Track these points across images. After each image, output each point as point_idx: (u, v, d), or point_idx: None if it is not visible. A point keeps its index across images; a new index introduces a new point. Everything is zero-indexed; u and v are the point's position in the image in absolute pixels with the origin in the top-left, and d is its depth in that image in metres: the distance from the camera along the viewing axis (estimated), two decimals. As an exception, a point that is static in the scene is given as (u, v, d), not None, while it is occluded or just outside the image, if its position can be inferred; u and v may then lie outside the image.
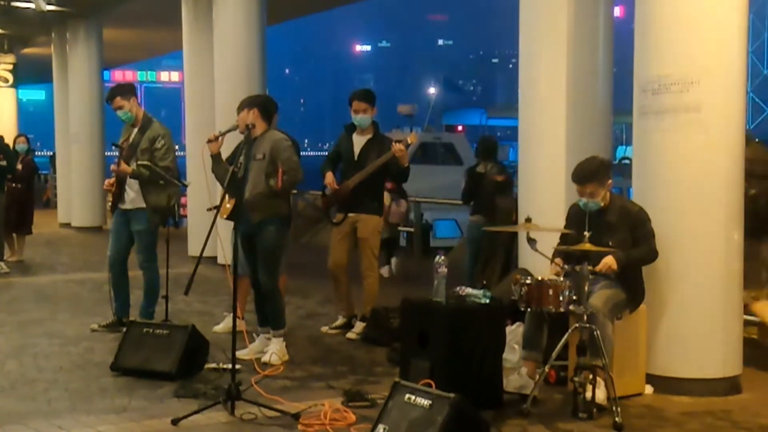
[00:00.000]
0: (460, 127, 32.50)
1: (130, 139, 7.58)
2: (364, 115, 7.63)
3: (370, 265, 7.68)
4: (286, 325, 7.03)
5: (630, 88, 6.14)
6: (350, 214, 7.65)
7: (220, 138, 6.67)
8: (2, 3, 16.82)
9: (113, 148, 7.88)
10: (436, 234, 20.65)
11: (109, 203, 7.81)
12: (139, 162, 7.42)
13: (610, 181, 5.87)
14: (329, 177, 7.70)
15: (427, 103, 33.31)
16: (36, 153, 14.54)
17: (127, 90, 7.71)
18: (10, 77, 24.41)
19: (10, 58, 24.06)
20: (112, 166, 7.58)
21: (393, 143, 7.46)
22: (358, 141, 7.69)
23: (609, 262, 5.62)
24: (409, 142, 7.56)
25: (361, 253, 7.71)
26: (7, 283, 10.76)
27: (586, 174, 5.80)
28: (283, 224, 6.87)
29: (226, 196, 6.43)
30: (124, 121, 7.66)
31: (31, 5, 16.06)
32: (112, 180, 7.62)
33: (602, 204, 5.83)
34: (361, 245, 7.68)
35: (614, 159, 30.26)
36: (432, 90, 47.61)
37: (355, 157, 7.65)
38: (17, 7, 16.87)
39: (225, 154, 6.86)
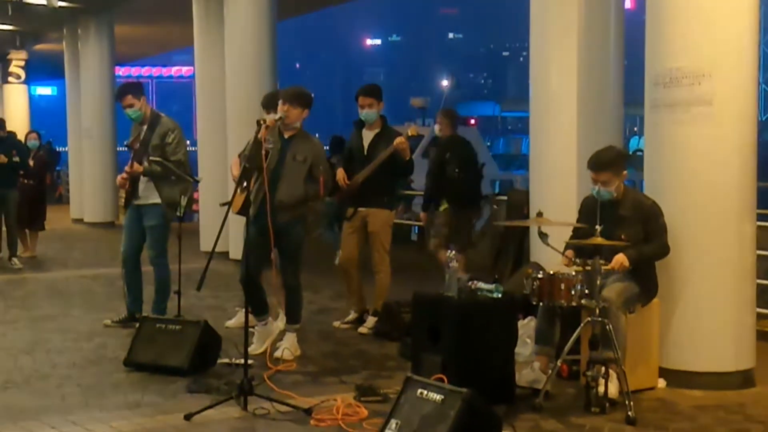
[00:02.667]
0: (473, 120, 32.44)
1: (141, 137, 7.58)
2: (370, 110, 7.62)
3: (382, 260, 7.68)
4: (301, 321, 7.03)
5: (643, 80, 6.11)
6: (360, 209, 7.66)
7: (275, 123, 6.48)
8: (14, 0, 16.87)
9: (125, 143, 7.88)
10: None
11: (122, 200, 7.82)
12: (150, 158, 7.43)
13: (625, 172, 5.86)
14: (340, 173, 7.70)
15: (439, 95, 33.30)
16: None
17: (137, 88, 7.70)
18: (22, 73, 24.50)
19: (22, 55, 24.15)
20: (126, 168, 7.57)
21: (395, 139, 7.44)
22: (367, 136, 7.70)
23: (621, 259, 5.60)
24: (409, 134, 7.55)
25: (372, 248, 7.71)
26: (21, 279, 10.81)
27: (602, 162, 5.80)
28: (305, 223, 6.90)
29: (238, 191, 6.42)
30: (133, 120, 7.65)
31: (43, 2, 16.09)
32: (125, 175, 7.62)
33: (615, 194, 5.81)
34: (371, 240, 7.68)
35: (629, 150, 30.19)
36: (445, 82, 47.52)
37: (365, 152, 7.65)
38: (29, 4, 16.91)
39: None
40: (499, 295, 5.62)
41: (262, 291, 6.77)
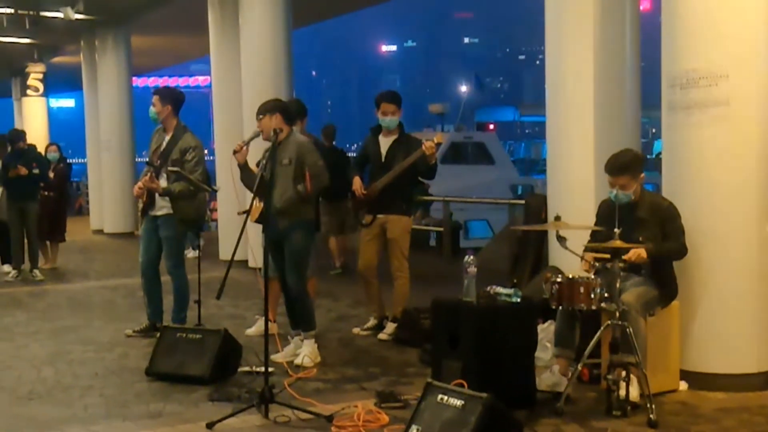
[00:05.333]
0: (492, 125, 32.45)
1: (162, 147, 7.60)
2: (393, 117, 7.63)
3: (401, 266, 7.68)
4: (317, 327, 7.05)
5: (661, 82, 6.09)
6: (379, 216, 7.66)
7: (245, 147, 6.73)
8: (31, 13, 17.00)
9: (144, 154, 7.90)
10: (468, 235, 20.56)
11: (140, 209, 7.85)
12: (169, 168, 7.46)
13: (642, 175, 5.84)
14: (357, 182, 7.71)
15: (457, 101, 33.29)
16: (68, 161, 14.70)
17: (167, 95, 7.65)
18: (41, 86, 24.67)
19: (40, 68, 24.31)
20: (145, 179, 7.53)
21: (423, 141, 7.43)
22: (385, 142, 7.70)
23: (638, 251, 5.57)
24: (436, 141, 7.54)
25: (391, 254, 7.71)
26: (42, 291, 10.88)
27: (619, 166, 5.78)
28: (309, 228, 6.90)
29: (256, 200, 6.47)
30: (151, 119, 7.67)
31: (60, 15, 16.22)
32: (141, 185, 7.64)
33: (633, 197, 5.80)
34: (390, 246, 7.68)
35: (651, 154, 30.15)
36: (464, 88, 47.50)
37: (383, 159, 7.65)
38: (46, 17, 17.04)
39: (252, 160, 6.89)
40: (518, 300, 5.62)
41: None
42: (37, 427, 5.34)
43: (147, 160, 7.74)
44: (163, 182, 7.53)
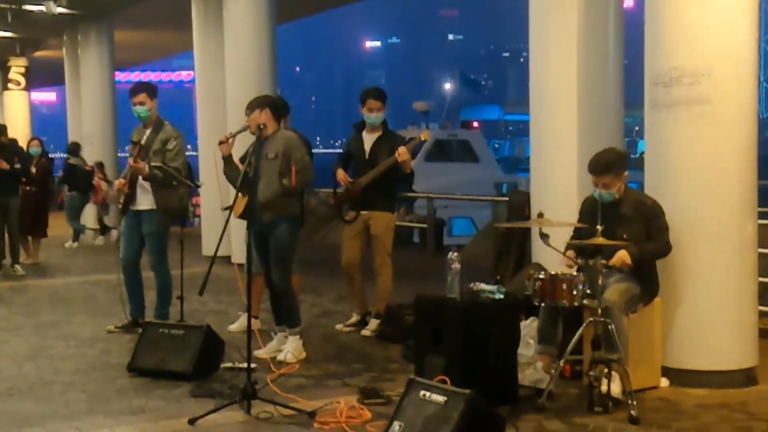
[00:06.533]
0: (476, 123, 32.50)
1: (143, 140, 7.59)
2: (378, 114, 7.63)
3: (384, 263, 7.69)
4: (302, 323, 7.05)
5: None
6: (362, 212, 7.66)
7: (231, 140, 6.72)
8: (13, 7, 16.91)
9: (127, 149, 7.84)
10: (452, 232, 20.58)
11: (120, 205, 7.81)
12: (152, 164, 7.44)
13: (625, 173, 5.86)
14: (340, 173, 7.72)
15: (442, 98, 33.33)
16: (50, 156, 14.67)
17: (152, 90, 7.71)
18: (23, 80, 24.52)
19: (23, 62, 24.17)
20: (130, 160, 7.49)
21: (398, 149, 7.41)
22: (369, 139, 7.70)
23: (623, 256, 5.61)
24: (422, 138, 7.54)
25: (374, 251, 7.72)
26: (23, 286, 10.82)
27: (602, 165, 5.80)
28: (294, 223, 6.89)
29: (239, 195, 6.45)
30: (141, 119, 7.63)
31: (42, 8, 16.13)
32: (123, 182, 7.61)
33: (617, 196, 5.81)
34: (373, 242, 7.69)
35: (635, 153, 30.25)
36: (448, 85, 47.53)
37: (366, 155, 7.66)
38: (28, 11, 16.96)
39: (237, 154, 6.88)
40: (501, 297, 5.63)
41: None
42: (18, 423, 5.30)
43: (132, 141, 7.69)
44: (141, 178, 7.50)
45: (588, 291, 5.46)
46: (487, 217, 15.13)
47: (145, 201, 7.55)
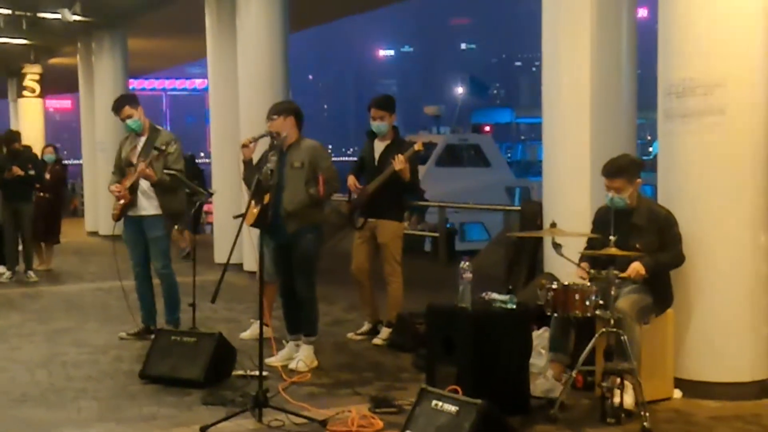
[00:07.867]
0: (487, 127, 32.40)
1: (138, 149, 7.56)
2: (382, 122, 7.65)
3: (393, 271, 7.68)
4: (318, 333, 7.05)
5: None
6: (370, 219, 7.68)
7: (253, 144, 6.68)
8: (29, 14, 16.99)
9: (123, 158, 7.70)
10: (464, 237, 20.52)
11: (114, 212, 7.75)
12: (165, 171, 7.44)
13: (639, 180, 5.86)
14: (351, 180, 7.75)
15: (454, 103, 33.22)
16: (64, 162, 14.73)
17: (133, 99, 7.72)
18: (37, 87, 24.63)
19: (37, 69, 24.28)
20: (140, 166, 7.41)
21: (396, 158, 7.40)
22: (379, 146, 7.73)
23: (637, 267, 5.59)
24: (416, 149, 7.54)
25: (383, 259, 7.72)
26: (36, 292, 10.86)
27: (616, 168, 5.81)
28: (319, 232, 6.89)
29: (252, 203, 6.45)
30: (134, 130, 7.62)
31: (57, 16, 16.22)
32: (120, 188, 7.55)
33: (628, 202, 5.81)
34: (381, 251, 7.70)
35: (649, 155, 30.01)
36: (459, 90, 47.41)
37: (376, 163, 7.68)
38: (44, 18, 17.03)
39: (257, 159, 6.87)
40: (513, 306, 5.62)
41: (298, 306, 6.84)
42: (31, 430, 5.33)
43: (128, 164, 7.58)
44: (143, 183, 7.50)
45: (601, 302, 5.45)
46: (499, 221, 15.09)
47: (149, 206, 7.55)
